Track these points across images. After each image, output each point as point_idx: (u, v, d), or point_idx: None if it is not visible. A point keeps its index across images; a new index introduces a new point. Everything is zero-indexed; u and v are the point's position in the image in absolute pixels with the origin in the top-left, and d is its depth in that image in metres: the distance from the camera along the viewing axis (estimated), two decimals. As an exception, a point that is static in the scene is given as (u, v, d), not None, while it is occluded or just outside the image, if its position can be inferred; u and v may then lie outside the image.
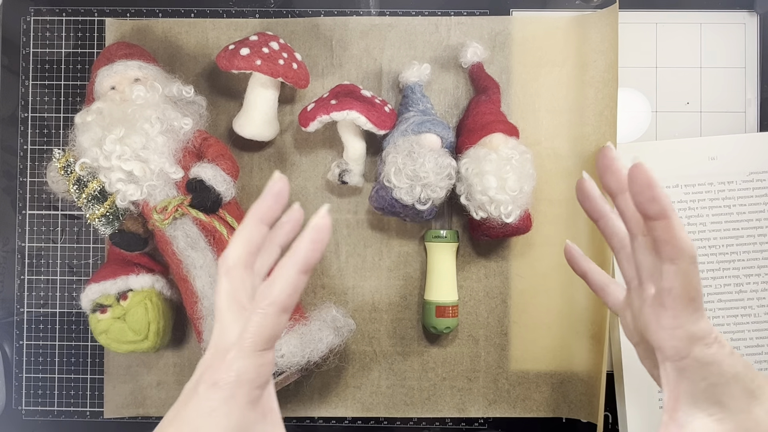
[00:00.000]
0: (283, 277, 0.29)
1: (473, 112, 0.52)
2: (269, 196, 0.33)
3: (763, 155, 0.54)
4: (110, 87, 0.48)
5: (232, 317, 0.32)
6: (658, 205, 0.29)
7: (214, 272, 0.47)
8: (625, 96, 0.56)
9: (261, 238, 0.33)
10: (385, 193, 0.49)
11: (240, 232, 0.33)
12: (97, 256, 0.55)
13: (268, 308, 0.29)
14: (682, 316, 0.30)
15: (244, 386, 0.29)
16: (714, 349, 0.30)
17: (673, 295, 0.30)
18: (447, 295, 0.52)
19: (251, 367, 0.29)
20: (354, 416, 0.55)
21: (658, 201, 0.29)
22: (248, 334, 0.29)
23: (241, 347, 0.29)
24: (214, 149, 0.49)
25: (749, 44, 0.56)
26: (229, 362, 0.29)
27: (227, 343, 0.31)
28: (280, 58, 0.50)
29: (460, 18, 0.55)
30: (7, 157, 0.56)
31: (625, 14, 0.55)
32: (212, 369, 0.30)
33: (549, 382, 0.54)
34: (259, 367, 0.30)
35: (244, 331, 0.30)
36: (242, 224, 0.33)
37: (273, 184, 0.33)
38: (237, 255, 0.32)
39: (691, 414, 0.31)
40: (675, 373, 0.31)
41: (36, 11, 0.56)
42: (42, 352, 0.55)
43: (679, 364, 0.31)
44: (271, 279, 0.30)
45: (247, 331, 0.29)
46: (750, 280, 0.53)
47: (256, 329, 0.29)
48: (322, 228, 0.29)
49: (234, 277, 0.32)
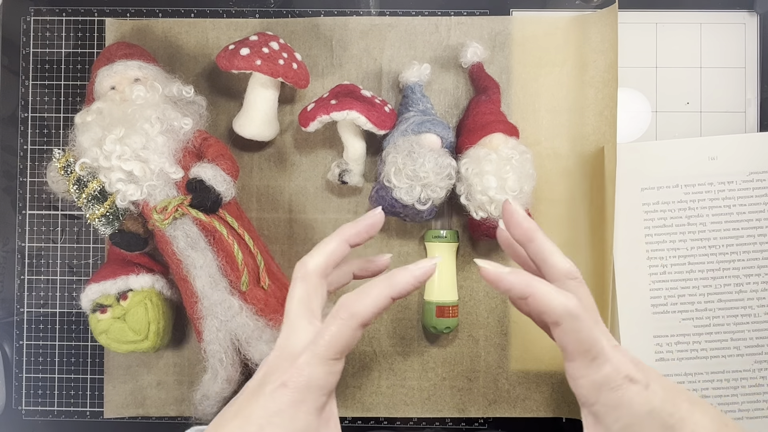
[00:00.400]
0: (374, 295, 0.31)
1: (473, 112, 0.52)
2: (363, 224, 0.35)
3: (763, 155, 0.54)
4: (110, 87, 0.48)
5: (302, 322, 0.32)
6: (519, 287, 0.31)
7: (214, 272, 0.47)
8: (625, 96, 0.56)
9: (341, 255, 0.34)
10: (385, 193, 0.49)
11: (324, 243, 0.34)
12: (97, 256, 0.55)
13: (350, 320, 0.30)
14: (582, 367, 0.31)
15: (314, 392, 0.30)
16: (621, 392, 0.30)
17: (567, 351, 0.31)
18: (447, 295, 0.52)
19: (322, 374, 0.30)
20: (354, 416, 0.55)
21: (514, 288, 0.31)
22: (323, 341, 0.30)
23: (314, 353, 0.30)
24: (214, 149, 0.49)
25: (749, 44, 0.56)
26: (300, 366, 0.30)
27: (296, 347, 0.31)
28: (280, 58, 0.50)
29: (460, 18, 0.55)
30: (7, 157, 0.56)
31: (625, 14, 0.55)
32: (281, 370, 0.30)
33: (549, 382, 0.54)
34: (328, 374, 0.30)
35: (319, 337, 0.30)
36: (328, 238, 0.34)
37: (372, 215, 0.35)
38: (316, 263, 0.33)
39: None
40: (591, 418, 0.32)
41: (36, 11, 0.56)
42: (42, 352, 0.55)
43: (591, 409, 0.32)
44: (360, 293, 0.31)
45: (323, 337, 0.30)
46: (750, 280, 0.53)
47: (332, 337, 0.30)
48: (427, 272, 0.32)
49: (309, 283, 0.33)
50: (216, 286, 0.47)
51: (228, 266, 0.47)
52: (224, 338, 0.46)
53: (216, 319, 0.46)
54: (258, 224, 0.54)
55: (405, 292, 0.31)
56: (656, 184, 0.54)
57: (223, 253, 0.47)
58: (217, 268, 0.47)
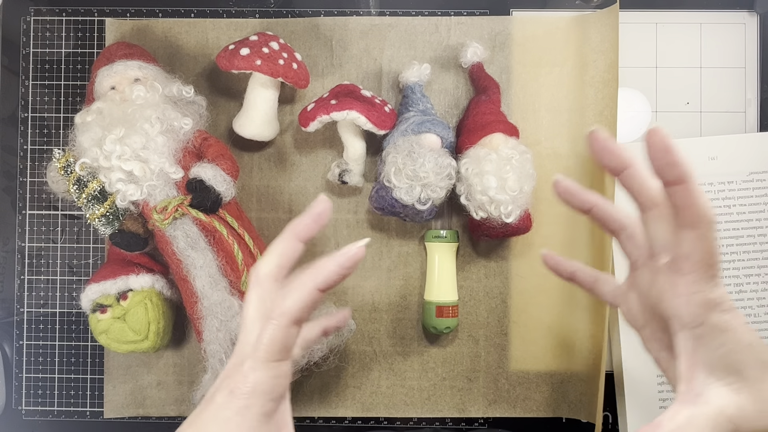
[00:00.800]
0: (299, 290, 0.30)
1: (473, 112, 0.52)
2: (310, 216, 0.33)
3: (763, 155, 0.54)
4: (110, 87, 0.48)
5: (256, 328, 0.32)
6: (678, 169, 0.29)
7: (214, 272, 0.47)
8: (625, 96, 0.56)
9: (294, 253, 0.33)
10: (385, 193, 0.49)
11: (274, 245, 0.33)
12: (97, 256, 0.55)
13: (281, 319, 0.30)
14: (700, 281, 0.30)
15: (259, 397, 0.29)
16: (729, 316, 0.30)
17: (691, 260, 0.30)
18: (447, 295, 0.52)
19: (266, 378, 0.30)
20: (354, 416, 0.55)
21: (677, 165, 0.29)
22: (262, 345, 0.30)
23: (255, 357, 0.30)
24: (214, 149, 0.49)
25: (749, 44, 0.56)
26: (245, 372, 0.30)
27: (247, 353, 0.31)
28: (280, 58, 0.50)
29: (460, 18, 0.55)
30: (7, 157, 0.56)
31: (625, 14, 0.55)
32: (230, 378, 0.30)
33: (549, 382, 0.54)
34: (274, 378, 0.30)
35: (258, 341, 0.30)
36: (278, 238, 0.33)
37: (316, 205, 0.33)
38: (269, 267, 0.33)
39: (708, 383, 0.30)
40: (692, 341, 0.31)
41: (36, 11, 0.56)
42: (42, 352, 0.55)
43: (696, 330, 0.31)
44: (288, 291, 0.30)
45: (261, 341, 0.30)
46: (750, 280, 0.53)
47: (269, 340, 0.30)
48: (354, 258, 0.30)
49: (263, 287, 0.32)
50: (216, 286, 0.47)
51: (228, 266, 0.47)
52: (224, 338, 0.46)
53: (216, 319, 0.46)
54: (258, 224, 0.54)
55: (332, 281, 0.30)
56: (656, 184, 0.54)
57: (223, 253, 0.47)
58: (217, 268, 0.47)
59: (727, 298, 0.30)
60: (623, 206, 0.38)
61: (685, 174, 0.29)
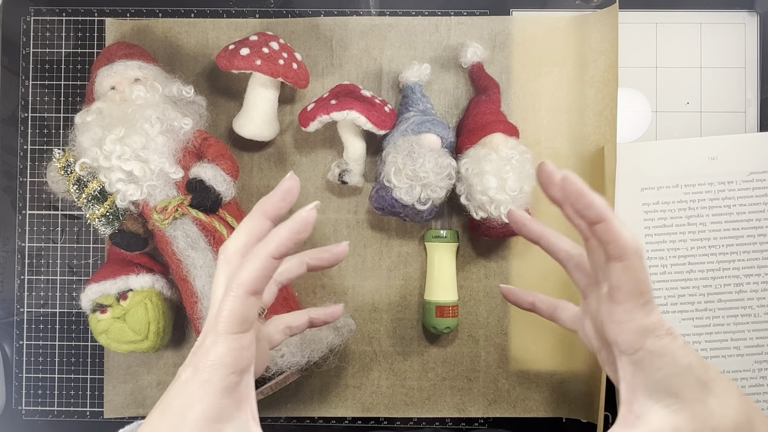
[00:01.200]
0: (253, 260, 0.30)
1: (473, 112, 0.52)
2: (277, 193, 0.33)
3: (763, 155, 0.54)
4: (110, 87, 0.48)
5: None
6: (594, 210, 0.30)
7: (214, 272, 0.47)
8: (625, 96, 0.56)
9: (263, 231, 0.33)
10: (385, 193, 0.49)
11: (243, 223, 0.33)
12: (97, 256, 0.55)
13: (237, 289, 0.30)
14: (634, 310, 0.31)
15: (220, 370, 0.29)
16: (666, 341, 0.31)
17: (622, 290, 0.31)
18: (447, 295, 0.52)
19: (226, 350, 0.30)
20: (354, 416, 0.55)
21: (593, 206, 0.30)
22: (221, 317, 0.30)
23: (216, 331, 0.30)
24: (214, 149, 0.49)
25: (749, 44, 0.56)
26: (206, 347, 0.30)
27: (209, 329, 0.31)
28: (280, 58, 0.50)
29: (460, 18, 0.55)
30: (7, 157, 0.56)
31: (625, 14, 0.55)
32: (194, 355, 0.30)
33: (549, 382, 0.54)
34: (235, 350, 0.30)
35: (218, 314, 0.30)
36: (247, 216, 0.33)
37: (283, 182, 0.33)
38: (236, 244, 0.33)
39: (648, 405, 0.31)
40: (630, 366, 0.32)
41: (36, 11, 0.56)
42: (42, 352, 0.55)
43: (634, 357, 0.31)
44: (244, 261, 0.30)
45: (221, 314, 0.30)
46: (750, 280, 0.53)
47: (228, 312, 0.30)
48: (305, 222, 0.31)
49: (231, 265, 0.33)
50: (216, 286, 0.47)
51: (228, 266, 0.47)
52: (224, 338, 0.46)
53: (216, 319, 0.46)
54: (258, 224, 0.54)
55: (285, 248, 0.30)
56: (656, 184, 0.54)
57: (223, 253, 0.47)
58: (217, 268, 0.47)
59: (663, 323, 0.31)
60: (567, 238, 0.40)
61: (602, 213, 0.30)
